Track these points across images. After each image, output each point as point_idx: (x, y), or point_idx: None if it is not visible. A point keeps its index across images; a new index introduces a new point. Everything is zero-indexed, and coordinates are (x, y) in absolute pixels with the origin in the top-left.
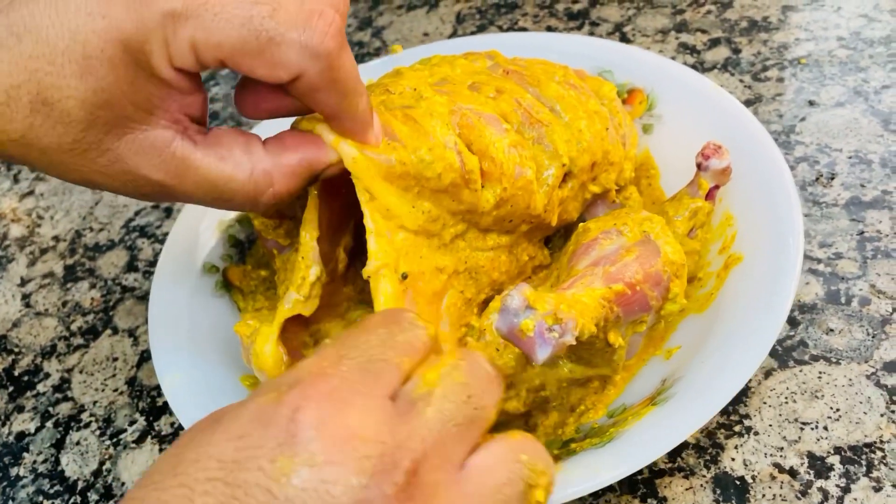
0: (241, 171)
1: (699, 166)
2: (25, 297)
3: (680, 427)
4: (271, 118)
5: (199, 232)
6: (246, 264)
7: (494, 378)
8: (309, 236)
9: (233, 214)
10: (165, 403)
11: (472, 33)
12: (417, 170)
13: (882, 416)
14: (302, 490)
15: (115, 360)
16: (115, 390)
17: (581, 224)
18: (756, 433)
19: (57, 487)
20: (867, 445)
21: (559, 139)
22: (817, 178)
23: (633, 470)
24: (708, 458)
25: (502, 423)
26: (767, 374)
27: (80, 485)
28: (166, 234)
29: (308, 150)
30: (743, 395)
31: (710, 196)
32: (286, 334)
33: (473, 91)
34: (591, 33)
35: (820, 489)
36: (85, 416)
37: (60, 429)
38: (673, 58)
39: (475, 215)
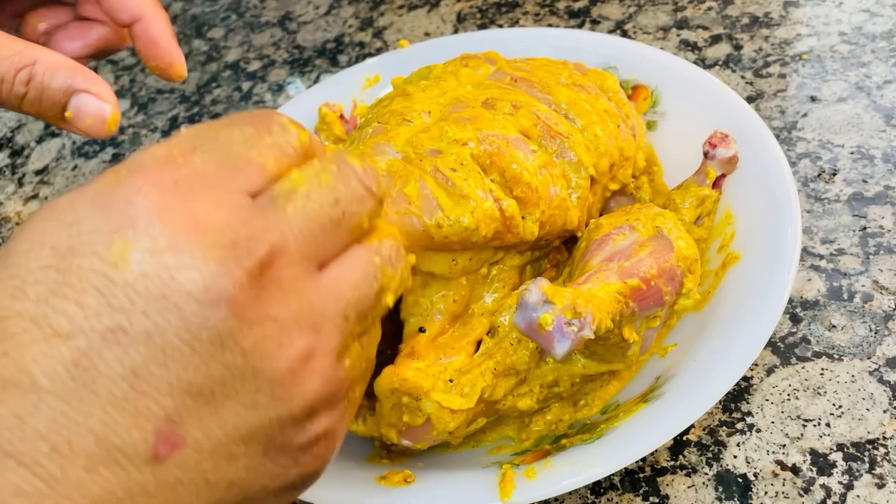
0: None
1: (706, 155)
2: None
3: (667, 426)
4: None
5: None
6: None
7: (367, 188)
8: None
9: None
10: None
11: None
12: (462, 237)
13: (885, 412)
14: (142, 275)
15: None
16: None
17: (592, 220)
18: (758, 430)
19: None
20: (870, 442)
21: (581, 149)
22: (819, 174)
23: (617, 468)
24: (710, 455)
25: (506, 418)
26: (770, 370)
27: None
28: None
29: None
30: (745, 393)
31: (717, 184)
32: None
33: (489, 108)
34: (593, 31)
35: (823, 486)
36: None
37: None
38: (674, 55)
39: (517, 245)
